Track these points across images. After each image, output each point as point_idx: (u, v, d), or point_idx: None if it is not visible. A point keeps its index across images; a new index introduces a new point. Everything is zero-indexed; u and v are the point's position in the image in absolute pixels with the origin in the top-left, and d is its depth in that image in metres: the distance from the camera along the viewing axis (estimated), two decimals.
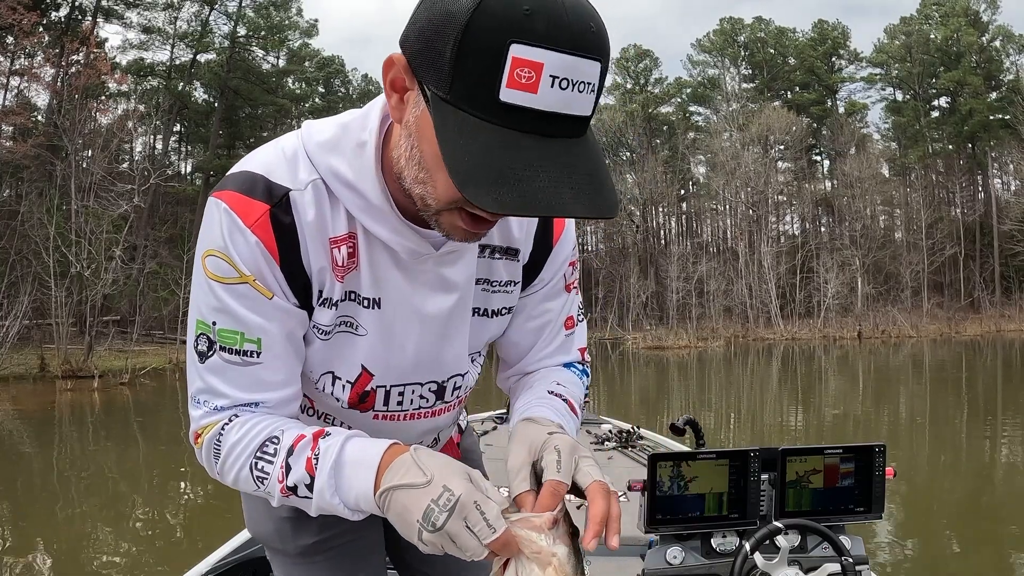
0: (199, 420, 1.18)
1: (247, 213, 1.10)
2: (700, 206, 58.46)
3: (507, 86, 0.88)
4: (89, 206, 28.56)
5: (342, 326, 1.21)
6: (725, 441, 12.70)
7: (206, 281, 1.13)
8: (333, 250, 1.15)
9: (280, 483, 1.11)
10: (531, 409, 1.26)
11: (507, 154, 0.90)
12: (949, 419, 14.88)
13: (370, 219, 1.13)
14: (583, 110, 0.93)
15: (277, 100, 52.21)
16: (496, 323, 1.35)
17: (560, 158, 0.92)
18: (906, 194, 54.07)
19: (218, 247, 1.11)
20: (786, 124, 51.51)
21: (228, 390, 1.16)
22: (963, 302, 48.95)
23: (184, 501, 9.50)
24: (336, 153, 1.12)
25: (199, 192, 47.96)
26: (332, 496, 1.08)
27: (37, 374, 24.56)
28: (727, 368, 29.44)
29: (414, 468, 1.02)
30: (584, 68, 0.90)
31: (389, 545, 1.65)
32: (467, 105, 0.90)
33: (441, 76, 0.91)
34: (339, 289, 1.17)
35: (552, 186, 0.90)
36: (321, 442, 1.11)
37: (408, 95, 0.99)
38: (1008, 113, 49.79)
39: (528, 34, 0.87)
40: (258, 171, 1.14)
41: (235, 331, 1.14)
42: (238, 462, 1.15)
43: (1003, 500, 8.55)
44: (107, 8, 44.39)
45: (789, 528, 1.83)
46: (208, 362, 1.15)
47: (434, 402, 1.36)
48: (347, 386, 1.26)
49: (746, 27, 59.53)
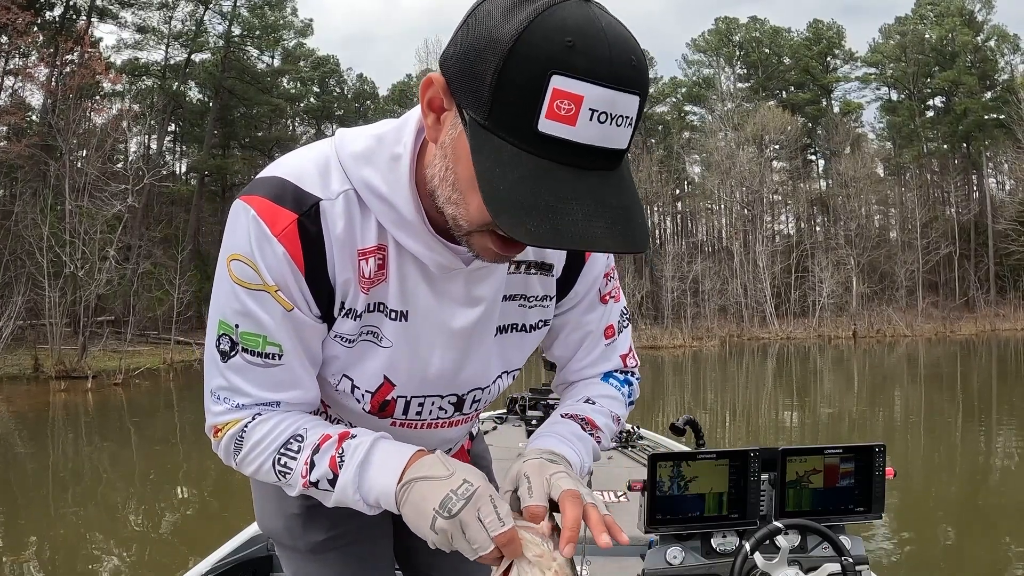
0: (219, 416, 1.21)
1: (275, 221, 1.10)
2: (695, 205, 58.50)
3: (546, 117, 0.89)
4: (83, 206, 28.48)
5: (366, 335, 1.22)
6: (721, 441, 12.71)
7: (230, 284, 1.14)
8: (360, 262, 1.16)
9: (303, 478, 1.17)
10: (535, 442, 1.30)
11: (542, 185, 0.91)
12: (945, 418, 14.92)
13: (402, 233, 1.13)
14: (620, 143, 0.94)
15: (272, 100, 52.12)
16: (534, 337, 1.37)
17: (595, 191, 0.93)
18: (901, 193, 54.15)
19: (244, 252, 1.12)
20: (781, 124, 51.56)
21: (250, 389, 1.19)
22: (958, 301, 49.04)
23: (178, 502, 9.49)
24: (370, 165, 1.12)
25: (194, 192, 47.93)
26: (354, 492, 1.13)
27: (31, 375, 24.50)
28: (722, 368, 29.49)
29: (439, 464, 1.09)
30: (623, 102, 0.90)
31: (396, 547, 1.66)
32: (505, 133, 0.91)
33: (480, 101, 0.92)
34: (363, 300, 1.18)
35: (585, 220, 0.91)
36: (348, 442, 1.16)
37: (445, 116, 1.00)
38: (1003, 113, 49.85)
39: (569, 66, 0.87)
40: (288, 178, 1.13)
41: (258, 335, 1.16)
42: (260, 457, 1.20)
43: (1000, 499, 8.57)
44: (101, 8, 44.24)
45: (789, 528, 1.82)
46: (230, 362, 1.18)
47: (452, 413, 1.38)
48: (367, 395, 1.27)
49: (741, 27, 59.59)
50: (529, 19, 0.89)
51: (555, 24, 0.89)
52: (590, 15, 0.90)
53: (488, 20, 0.92)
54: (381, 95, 59.28)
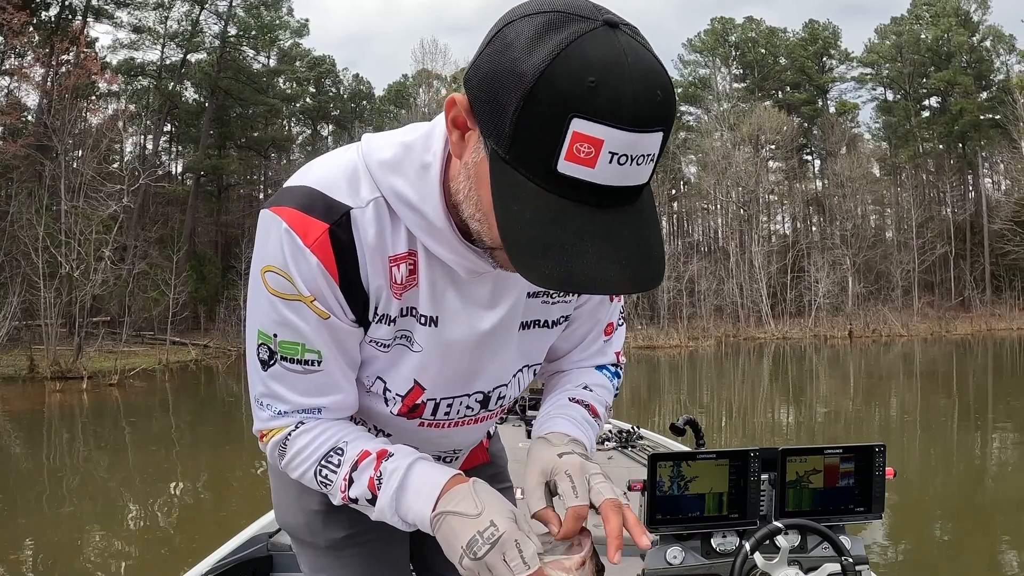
0: (265, 422, 1.27)
1: (306, 232, 1.11)
2: (691, 206, 58.56)
3: (565, 158, 0.88)
4: (79, 206, 28.45)
5: (400, 339, 1.25)
6: (718, 441, 12.72)
7: (266, 295, 1.16)
8: (392, 268, 1.17)
9: (342, 493, 1.22)
10: (549, 422, 1.34)
11: (556, 227, 0.92)
12: (941, 417, 14.95)
13: (431, 239, 1.14)
14: (639, 180, 0.94)
15: (268, 100, 52.07)
16: (555, 332, 1.40)
17: (611, 229, 0.94)
18: (897, 193, 54.26)
19: (278, 264, 1.13)
20: (777, 124, 51.63)
21: (291, 396, 1.23)
22: (953, 301, 49.15)
23: (174, 501, 9.48)
24: (399, 174, 1.13)
25: (189, 192, 47.85)
26: (392, 516, 1.18)
27: (26, 375, 24.44)
28: (718, 368, 29.52)
29: (469, 499, 1.11)
30: (645, 142, 0.90)
31: (413, 547, 1.67)
32: (524, 169, 0.92)
33: (501, 135, 0.92)
34: (396, 306, 1.20)
35: (597, 261, 0.93)
36: (385, 463, 1.19)
37: (469, 135, 1.00)
38: (998, 113, 49.93)
39: (591, 109, 0.86)
40: (317, 187, 1.14)
41: (296, 343, 1.19)
42: (303, 466, 1.25)
43: (997, 498, 8.59)
44: (97, 8, 44.20)
45: (789, 528, 1.82)
46: (270, 370, 1.22)
47: (478, 411, 1.40)
48: (398, 399, 1.31)
49: (737, 27, 59.67)
50: (553, 55, 0.87)
51: (579, 61, 0.87)
52: (617, 48, 0.88)
53: (512, 49, 0.90)
54: (377, 95, 59.29)
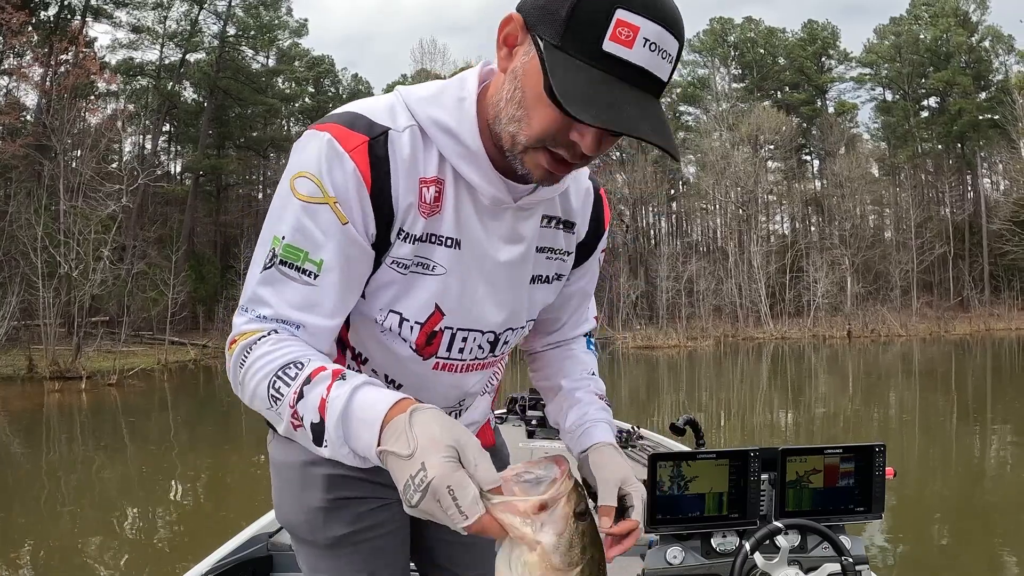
0: (240, 326, 1.25)
1: (347, 141, 1.22)
2: (690, 206, 58.54)
3: (610, 39, 1.08)
4: (77, 206, 28.40)
5: (418, 266, 1.31)
6: (718, 441, 12.71)
7: (289, 199, 1.23)
8: (422, 188, 1.27)
9: (291, 408, 1.14)
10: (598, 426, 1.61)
11: (603, 87, 1.09)
12: (940, 417, 14.95)
13: (465, 163, 1.26)
14: (663, 74, 1.12)
15: (267, 100, 52.06)
16: (553, 288, 1.51)
17: (642, 102, 1.11)
18: (895, 194, 54.28)
19: (312, 170, 1.21)
20: (776, 124, 51.64)
21: (275, 302, 1.23)
22: (952, 301, 49.15)
23: (174, 501, 9.46)
24: (437, 105, 1.27)
25: (188, 192, 47.83)
26: (341, 447, 1.10)
27: (25, 375, 24.39)
28: (717, 367, 29.52)
29: (403, 436, 1.02)
30: (668, 40, 1.11)
31: (414, 539, 1.66)
32: (575, 51, 1.09)
33: (556, 29, 1.10)
34: (421, 226, 1.28)
35: (639, 116, 1.10)
36: (335, 387, 1.12)
37: (517, 49, 1.17)
38: (997, 113, 49.98)
39: (631, 4, 1.08)
40: (360, 111, 1.26)
41: (301, 249, 1.22)
42: (259, 374, 1.19)
43: (996, 497, 8.59)
44: (96, 7, 44.19)
45: (789, 528, 1.82)
46: (265, 273, 1.24)
47: (487, 353, 1.46)
48: (416, 327, 1.35)
49: (736, 27, 59.69)
50: None
51: None
52: None
53: None
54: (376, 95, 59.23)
